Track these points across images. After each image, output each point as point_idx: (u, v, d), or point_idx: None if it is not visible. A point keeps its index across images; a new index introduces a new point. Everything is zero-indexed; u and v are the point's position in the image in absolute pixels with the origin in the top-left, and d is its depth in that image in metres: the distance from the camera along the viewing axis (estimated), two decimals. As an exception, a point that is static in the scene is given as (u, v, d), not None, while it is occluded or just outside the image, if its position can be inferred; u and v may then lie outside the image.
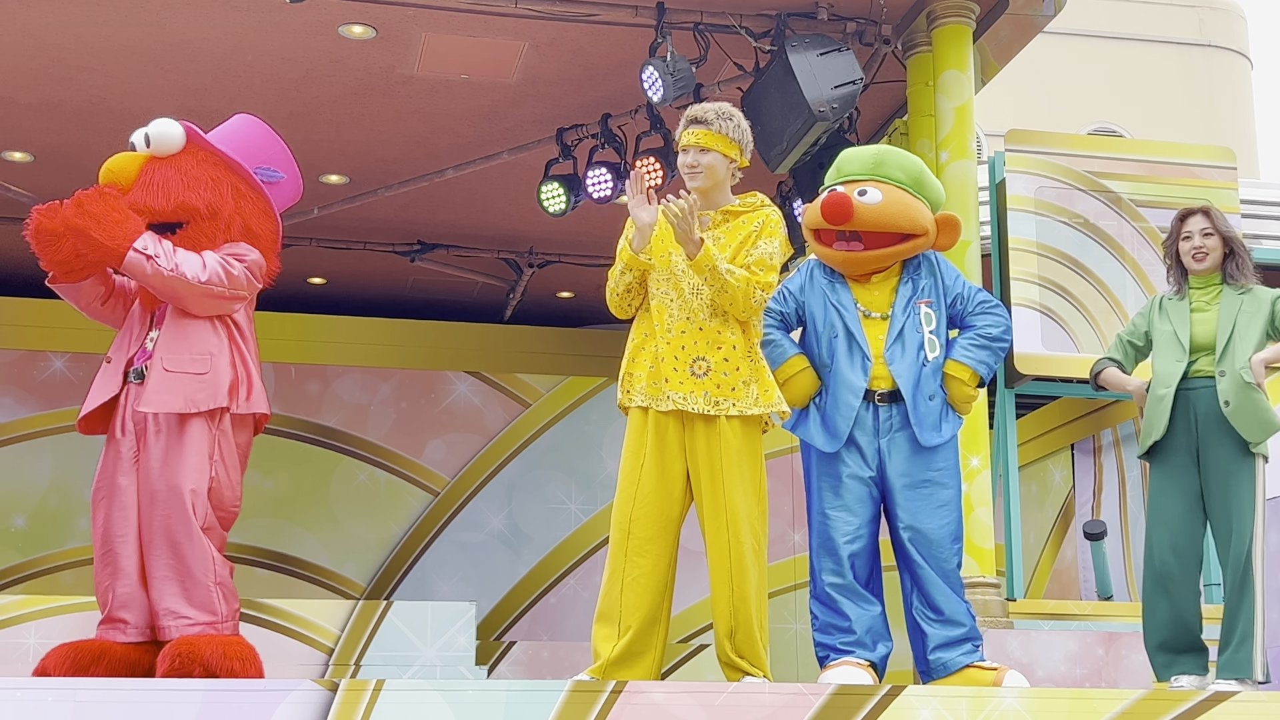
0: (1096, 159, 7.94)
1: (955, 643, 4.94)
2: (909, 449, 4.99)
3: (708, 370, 4.84)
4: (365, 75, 8.12)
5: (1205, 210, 5.52)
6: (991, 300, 5.19)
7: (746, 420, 4.86)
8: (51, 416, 10.59)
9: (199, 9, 7.36)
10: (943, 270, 5.16)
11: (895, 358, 4.98)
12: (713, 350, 4.85)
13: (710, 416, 4.82)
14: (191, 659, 4.59)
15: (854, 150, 5.32)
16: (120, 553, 4.84)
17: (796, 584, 11.25)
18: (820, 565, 5.03)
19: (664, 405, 4.83)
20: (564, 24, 7.52)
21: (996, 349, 5.11)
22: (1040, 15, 7.47)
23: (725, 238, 4.96)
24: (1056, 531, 10.21)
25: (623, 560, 4.84)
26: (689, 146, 5.00)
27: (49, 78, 8.10)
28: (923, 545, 4.95)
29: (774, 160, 7.42)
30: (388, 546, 10.86)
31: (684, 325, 4.89)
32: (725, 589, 4.82)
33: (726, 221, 5.01)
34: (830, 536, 5.00)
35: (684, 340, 4.87)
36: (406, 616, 7.29)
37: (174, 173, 4.93)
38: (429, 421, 11.19)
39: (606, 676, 4.72)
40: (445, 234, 10.44)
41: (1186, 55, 14.98)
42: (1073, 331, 7.68)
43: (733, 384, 4.83)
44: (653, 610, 4.83)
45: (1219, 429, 5.32)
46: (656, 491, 4.85)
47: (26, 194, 9.44)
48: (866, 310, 5.06)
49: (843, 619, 4.93)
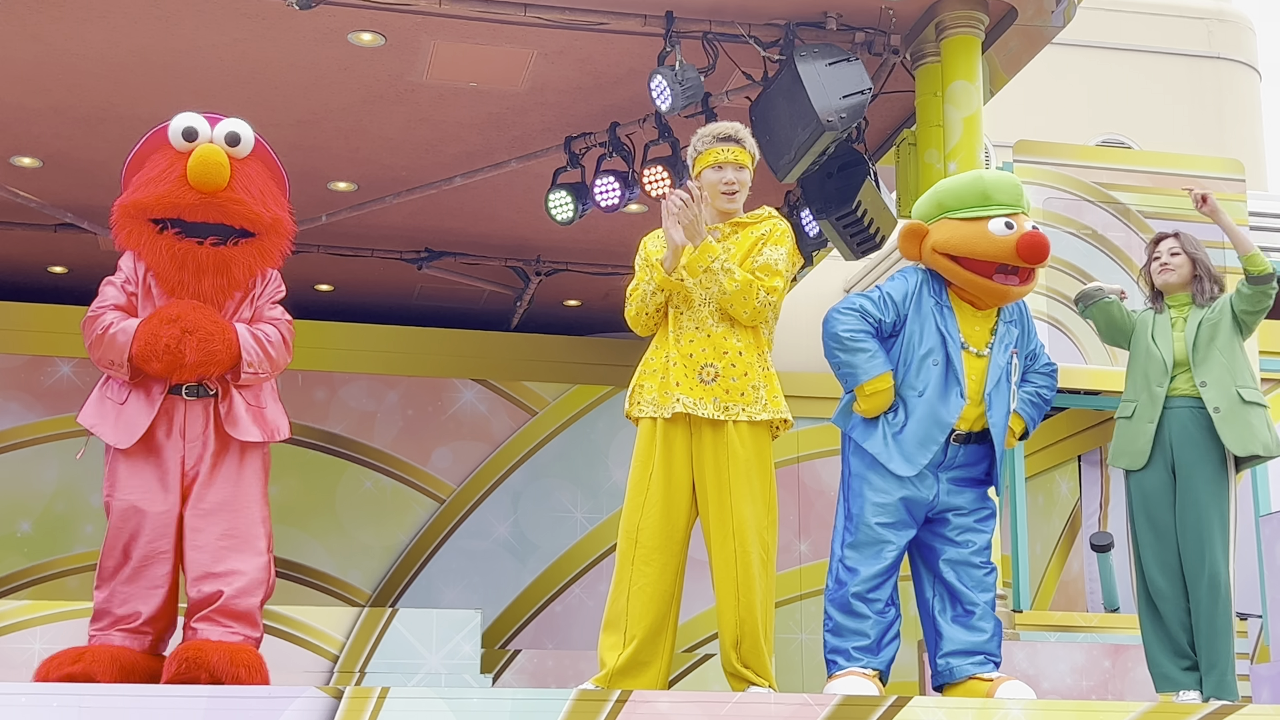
0: (1105, 170, 7.94)
1: (969, 652, 4.93)
2: (966, 488, 5.04)
3: (716, 376, 4.84)
4: (374, 83, 8.13)
5: (1176, 233, 5.60)
6: (1053, 365, 5.30)
7: (755, 425, 4.86)
8: (58, 422, 10.59)
9: (208, 16, 7.37)
10: (1028, 322, 5.23)
11: (994, 403, 5.00)
12: (720, 356, 4.85)
13: (718, 422, 4.82)
14: (198, 664, 4.59)
15: (997, 176, 5.21)
16: (160, 571, 4.84)
17: (802, 594, 11.23)
18: (847, 573, 4.98)
19: (671, 410, 4.83)
20: (573, 33, 7.52)
21: (1044, 410, 5.24)
22: (1049, 26, 7.46)
23: (735, 248, 4.98)
24: (1063, 543, 10.19)
25: (630, 569, 4.84)
26: (726, 164, 5.00)
27: (57, 83, 8.11)
28: (967, 578, 5.00)
29: (782, 170, 7.42)
30: (393, 554, 10.86)
31: (693, 334, 4.89)
32: (732, 599, 4.82)
33: (735, 233, 5.03)
34: (869, 549, 4.96)
35: (693, 348, 4.88)
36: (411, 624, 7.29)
37: (256, 181, 4.97)
38: (435, 429, 11.19)
39: (612, 685, 4.71)
40: (453, 242, 10.44)
41: (1195, 67, 14.96)
42: (1080, 343, 7.67)
43: (741, 389, 4.83)
44: (659, 619, 4.82)
45: (1195, 448, 5.33)
46: (664, 501, 4.85)
47: (35, 199, 9.45)
48: (965, 344, 5.03)
49: (860, 621, 4.91)
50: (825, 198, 7.95)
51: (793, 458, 11.37)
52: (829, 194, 7.88)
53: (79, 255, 10.52)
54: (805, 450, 11.21)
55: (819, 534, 11.20)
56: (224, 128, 5.03)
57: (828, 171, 7.81)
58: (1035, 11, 7.33)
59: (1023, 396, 5.14)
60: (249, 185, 4.95)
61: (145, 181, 5.00)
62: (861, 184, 7.76)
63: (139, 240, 4.96)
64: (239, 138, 5.02)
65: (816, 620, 11.08)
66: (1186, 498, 5.32)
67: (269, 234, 4.99)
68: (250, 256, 4.96)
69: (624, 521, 4.89)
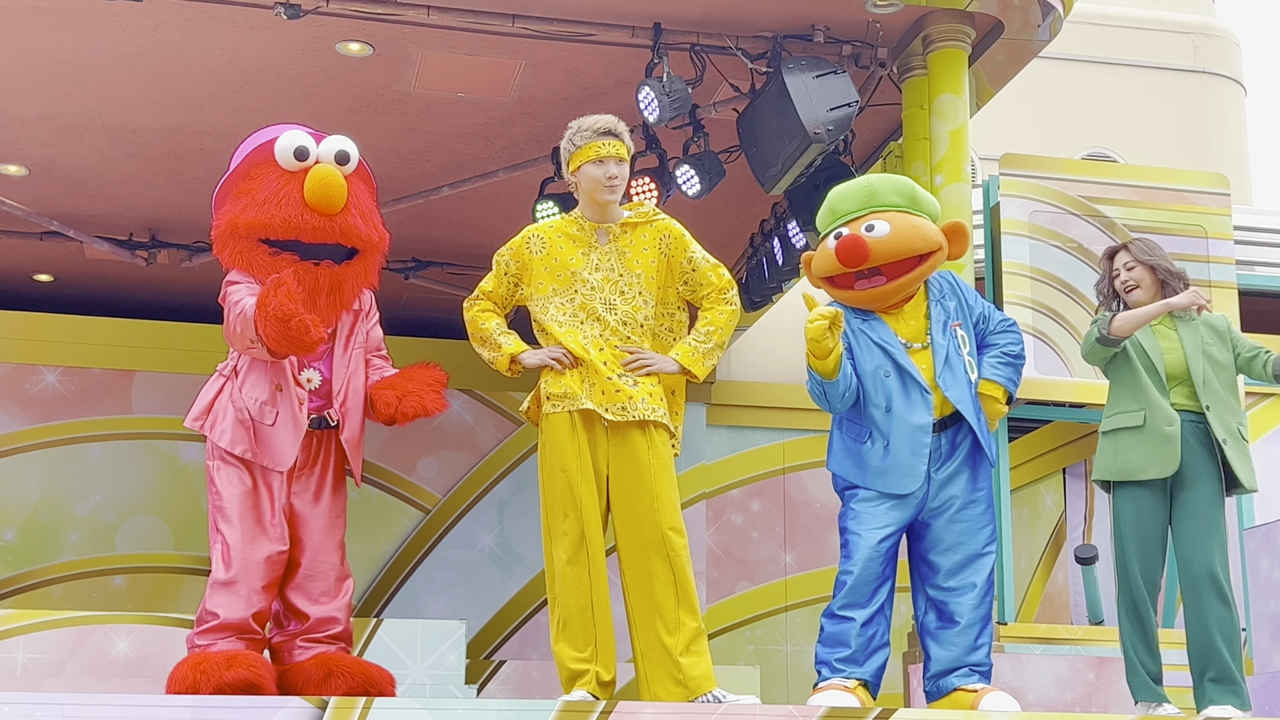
0: (1090, 184, 7.95)
1: (954, 668, 4.93)
2: (957, 476, 5.00)
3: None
4: (362, 92, 8.13)
5: (1125, 246, 5.61)
6: (1009, 319, 5.25)
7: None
8: (42, 430, 10.57)
9: (196, 24, 7.37)
10: (963, 290, 5.18)
11: (949, 383, 4.96)
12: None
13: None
14: (330, 674, 4.71)
15: (842, 188, 5.26)
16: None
17: (788, 605, 11.24)
18: (839, 587, 4.98)
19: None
20: (560, 44, 7.53)
21: (1019, 366, 5.16)
22: (1035, 40, 7.49)
23: (632, 252, 4.98)
24: (1048, 556, 10.21)
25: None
26: (607, 158, 5.00)
27: (44, 91, 8.10)
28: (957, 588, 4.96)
29: (769, 182, 7.43)
30: (378, 564, 10.85)
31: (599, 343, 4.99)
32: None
33: (627, 233, 5.02)
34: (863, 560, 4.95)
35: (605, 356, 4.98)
36: (396, 634, 7.29)
37: (364, 200, 4.99)
38: (421, 439, 11.17)
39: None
40: (440, 251, 10.44)
41: (1180, 81, 15.02)
42: (1065, 355, 7.69)
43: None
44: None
45: (1199, 462, 5.35)
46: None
47: (21, 207, 9.43)
48: (907, 343, 5.02)
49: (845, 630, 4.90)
50: (812, 209, 7.92)
51: (779, 469, 11.37)
52: (816, 206, 7.85)
53: (65, 263, 10.51)
54: (791, 462, 11.22)
55: (805, 546, 11.22)
56: (332, 145, 5.00)
57: (815, 184, 7.81)
58: (1021, 25, 7.35)
59: (987, 361, 5.10)
60: (359, 205, 4.97)
61: (257, 202, 4.89)
62: (848, 196, 7.77)
63: (251, 261, 4.90)
64: (348, 156, 5.02)
65: (802, 632, 11.09)
66: (1190, 509, 5.32)
67: (373, 252, 5.01)
68: (359, 275, 5.00)
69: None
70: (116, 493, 10.61)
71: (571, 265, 5.00)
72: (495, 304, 5.24)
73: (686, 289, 5.10)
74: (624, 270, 5.00)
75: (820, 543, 11.12)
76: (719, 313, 5.04)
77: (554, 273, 5.02)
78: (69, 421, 10.63)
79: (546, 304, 5.05)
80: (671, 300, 5.12)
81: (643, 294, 5.00)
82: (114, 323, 10.85)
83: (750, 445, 11.40)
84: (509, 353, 5.09)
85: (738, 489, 11.29)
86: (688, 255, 5.06)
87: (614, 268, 5.00)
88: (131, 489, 10.60)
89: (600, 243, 5.02)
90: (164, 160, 8.91)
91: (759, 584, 11.29)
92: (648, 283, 5.01)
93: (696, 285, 5.09)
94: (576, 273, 4.99)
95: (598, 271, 4.99)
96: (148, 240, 10.04)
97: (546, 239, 5.08)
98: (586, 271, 4.98)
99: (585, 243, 5.03)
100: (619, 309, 4.96)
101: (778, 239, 8.89)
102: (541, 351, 5.03)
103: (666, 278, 5.07)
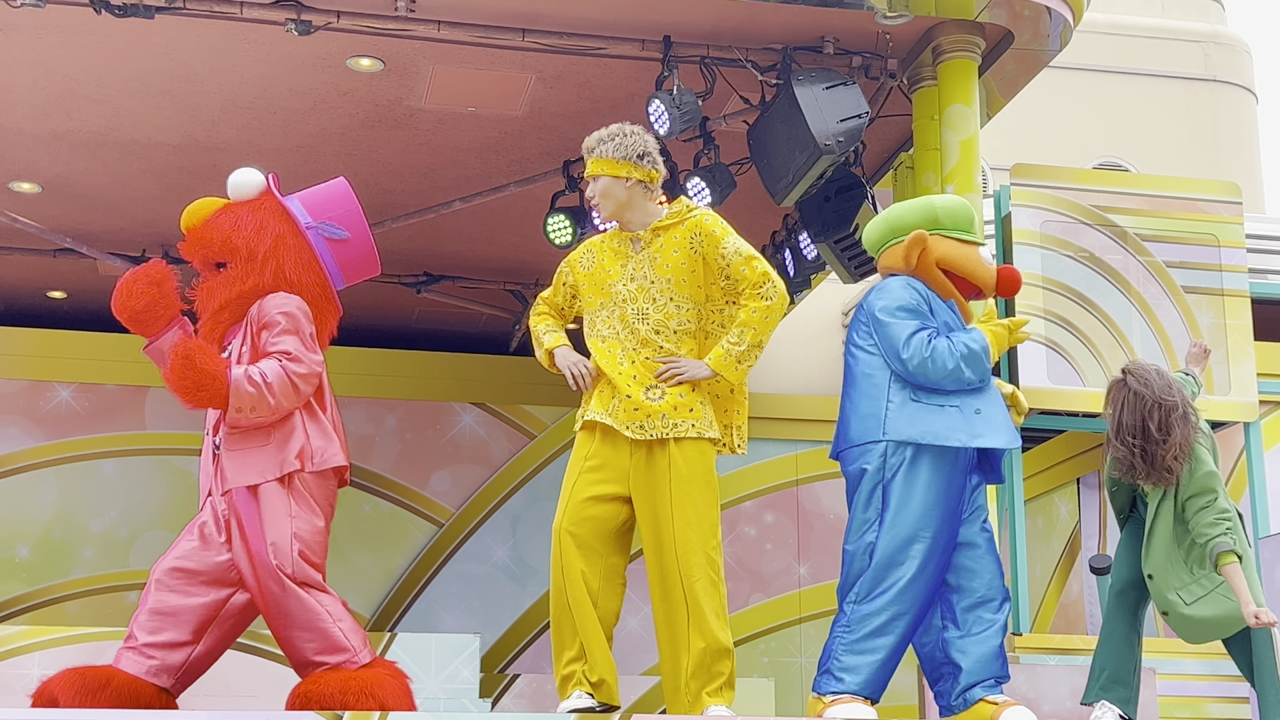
0: (1102, 193, 7.95)
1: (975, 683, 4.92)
2: (982, 485, 5.10)
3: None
4: (373, 108, 8.15)
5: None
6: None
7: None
8: (56, 447, 10.59)
9: (207, 41, 7.39)
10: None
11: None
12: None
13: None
14: (308, 698, 4.60)
15: (964, 202, 5.27)
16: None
17: (801, 618, 11.21)
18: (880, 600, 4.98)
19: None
20: (571, 57, 7.54)
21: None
22: (1045, 50, 7.49)
23: (662, 256, 4.94)
24: (1062, 566, 10.19)
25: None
26: (588, 179, 5.02)
27: (57, 108, 8.13)
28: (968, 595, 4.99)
29: (779, 193, 7.43)
30: (392, 578, 10.84)
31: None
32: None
33: (658, 237, 4.99)
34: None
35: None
36: (411, 648, 7.28)
37: (230, 217, 5.21)
38: (434, 452, 11.18)
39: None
40: (451, 266, 10.45)
41: (1192, 90, 15.00)
42: (1078, 365, 7.68)
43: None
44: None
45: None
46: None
47: (34, 224, 9.46)
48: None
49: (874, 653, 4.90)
50: (823, 221, 7.97)
51: (791, 481, 11.36)
52: (827, 217, 7.90)
53: (78, 280, 10.54)
54: (804, 473, 11.20)
55: (819, 558, 11.19)
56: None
57: (825, 195, 7.83)
58: (1032, 35, 7.35)
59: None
60: (213, 221, 5.27)
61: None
62: (859, 207, 7.78)
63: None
64: (234, 184, 5.34)
65: (816, 644, 11.06)
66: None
67: (238, 261, 5.19)
68: (226, 284, 5.19)
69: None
70: (130, 509, 10.63)
71: (610, 278, 4.99)
72: (552, 310, 5.26)
73: (728, 284, 4.96)
74: (655, 277, 4.94)
75: (834, 554, 11.06)
76: (751, 310, 4.89)
77: (598, 286, 5.01)
78: (83, 438, 10.66)
79: (594, 319, 5.06)
80: (718, 297, 5.01)
81: (674, 299, 4.93)
82: (127, 339, 10.69)
83: (763, 457, 11.39)
84: (547, 348, 5.12)
85: (751, 501, 11.28)
86: (720, 251, 4.93)
87: (646, 275, 4.95)
88: (145, 505, 10.62)
89: (635, 251, 4.99)
90: (176, 176, 8.93)
91: (773, 596, 11.27)
92: (679, 286, 4.93)
93: (733, 281, 4.95)
94: (613, 285, 4.98)
95: (632, 281, 4.95)
96: (160, 256, 10.07)
97: (595, 254, 5.07)
98: (622, 283, 4.96)
99: (624, 254, 5.00)
100: (651, 317, 4.93)
101: (789, 250, 8.89)
102: (567, 360, 5.05)
103: (705, 276, 4.96)
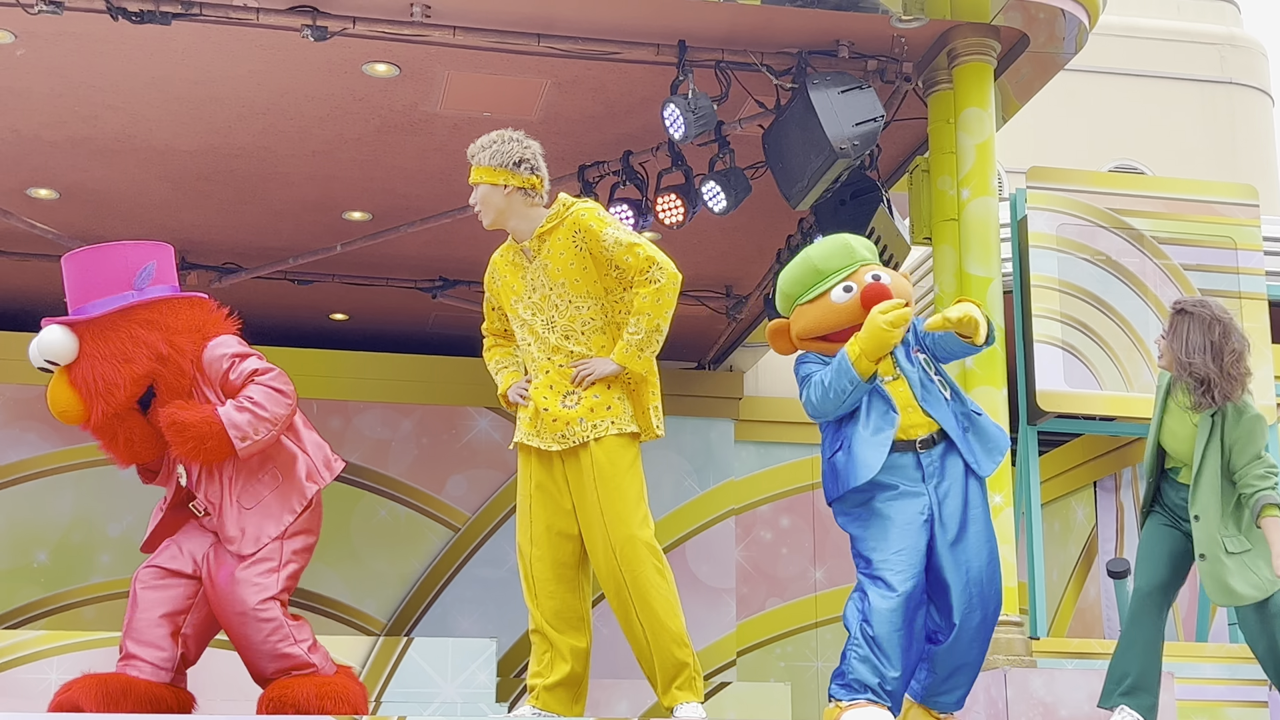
0: (1118, 196, 7.93)
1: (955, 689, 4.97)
2: (952, 492, 4.99)
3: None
4: (388, 113, 8.17)
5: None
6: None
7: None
8: (74, 452, 10.61)
9: (224, 47, 7.41)
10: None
11: (932, 408, 4.97)
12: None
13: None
14: (283, 701, 4.62)
15: (821, 246, 5.14)
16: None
17: (817, 622, 11.20)
18: (873, 608, 4.97)
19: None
20: (586, 62, 7.55)
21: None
22: (1061, 53, 7.48)
23: (552, 262, 4.92)
24: (1079, 569, 10.16)
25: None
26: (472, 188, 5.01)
27: (75, 115, 8.16)
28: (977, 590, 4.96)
29: (795, 197, 7.43)
30: (408, 582, 10.85)
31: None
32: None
33: (545, 243, 4.96)
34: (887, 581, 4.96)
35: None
36: (427, 653, 7.29)
37: (94, 367, 5.03)
38: (450, 457, 11.19)
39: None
40: (467, 270, 10.45)
41: (1208, 92, 14.97)
42: (1095, 368, 7.66)
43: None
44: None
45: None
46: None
47: (52, 231, 9.49)
48: (881, 377, 4.99)
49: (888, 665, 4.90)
50: (838, 225, 7.95)
51: (808, 484, 11.35)
52: (842, 221, 7.89)
53: (95, 286, 10.56)
54: (820, 476, 11.18)
55: (835, 561, 11.18)
56: (39, 355, 5.17)
57: (841, 199, 7.83)
58: (1047, 39, 7.34)
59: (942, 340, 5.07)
60: (93, 389, 5.10)
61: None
62: (875, 211, 7.77)
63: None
64: (50, 361, 5.18)
65: (833, 648, 11.04)
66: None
67: (158, 376, 5.16)
68: (167, 398, 5.16)
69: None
70: (148, 514, 10.55)
71: (515, 294, 4.98)
72: (496, 337, 5.23)
73: (619, 273, 4.92)
74: (551, 283, 4.92)
75: (850, 559, 11.07)
76: (643, 296, 4.85)
77: (510, 302, 5.02)
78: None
79: (518, 334, 5.04)
80: (615, 288, 4.97)
81: (573, 301, 4.91)
82: (144, 344, 10.88)
83: (779, 461, 11.39)
84: (500, 393, 5.15)
85: (767, 505, 11.28)
86: (602, 245, 4.89)
87: (544, 283, 4.93)
88: (163, 510, 10.63)
89: (528, 262, 4.97)
90: (193, 182, 8.96)
91: (789, 600, 11.26)
92: (574, 287, 4.90)
93: (621, 270, 4.92)
94: (518, 301, 4.97)
95: (535, 293, 4.94)
96: (178, 262, 10.07)
97: (499, 271, 5.07)
98: (526, 296, 4.95)
99: (520, 266, 5.00)
100: (558, 324, 4.91)
101: (805, 254, 8.89)
102: (515, 394, 5.06)
103: (597, 270, 4.93)
